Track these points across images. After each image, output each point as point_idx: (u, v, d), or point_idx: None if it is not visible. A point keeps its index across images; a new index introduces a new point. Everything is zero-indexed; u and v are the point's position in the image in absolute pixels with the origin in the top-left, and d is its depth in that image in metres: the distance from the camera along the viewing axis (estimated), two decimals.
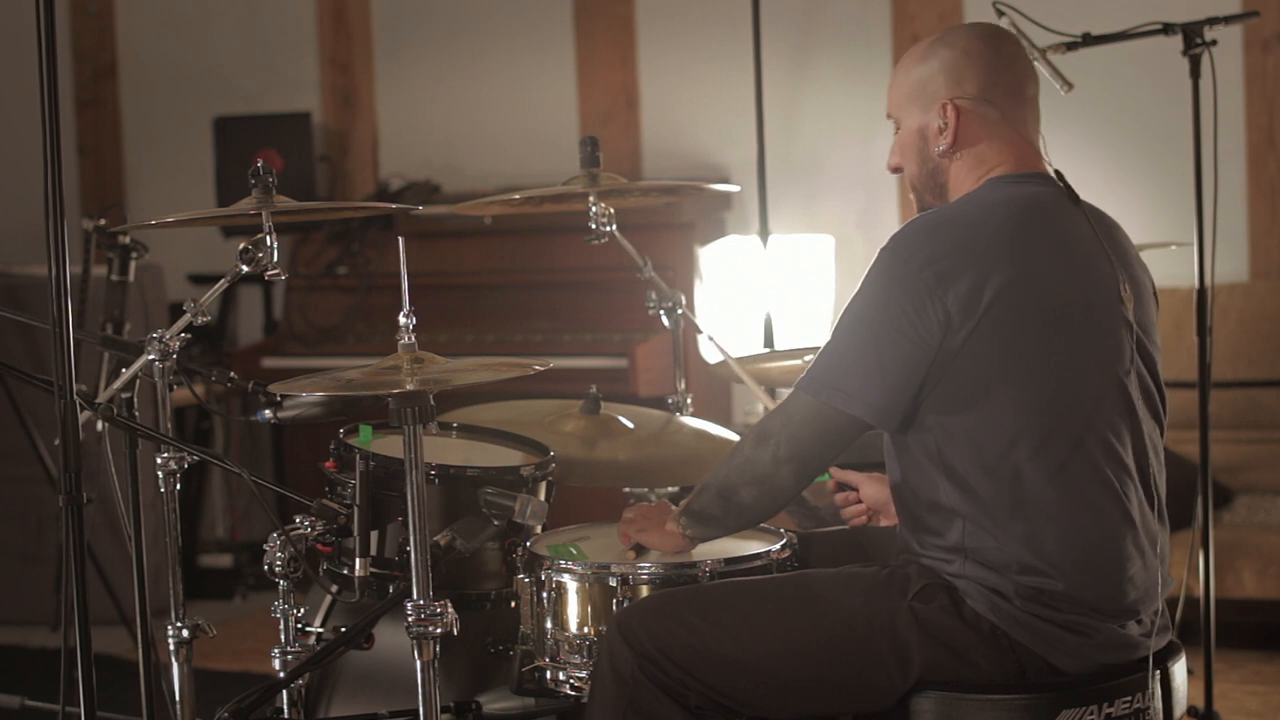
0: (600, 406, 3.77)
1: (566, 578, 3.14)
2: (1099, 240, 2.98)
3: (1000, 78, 3.03)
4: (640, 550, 3.18)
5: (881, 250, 2.92)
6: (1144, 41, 4.14)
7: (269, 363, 6.51)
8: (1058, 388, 2.86)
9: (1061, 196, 2.99)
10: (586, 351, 6.05)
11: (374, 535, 3.24)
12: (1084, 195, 3.03)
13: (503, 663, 3.39)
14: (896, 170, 3.14)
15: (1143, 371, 2.99)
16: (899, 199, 6.17)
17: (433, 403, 2.86)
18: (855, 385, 2.87)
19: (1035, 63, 4.11)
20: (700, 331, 4.10)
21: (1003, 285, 2.83)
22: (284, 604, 3.23)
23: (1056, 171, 3.04)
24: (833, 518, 3.55)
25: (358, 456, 3.22)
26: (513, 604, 3.25)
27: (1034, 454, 2.84)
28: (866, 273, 2.92)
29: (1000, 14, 4.08)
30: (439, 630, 2.88)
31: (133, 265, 4.94)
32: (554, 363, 3.19)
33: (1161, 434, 3.03)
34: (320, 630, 3.34)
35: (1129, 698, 2.89)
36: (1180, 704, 3.02)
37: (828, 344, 2.94)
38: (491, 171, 6.83)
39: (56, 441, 2.76)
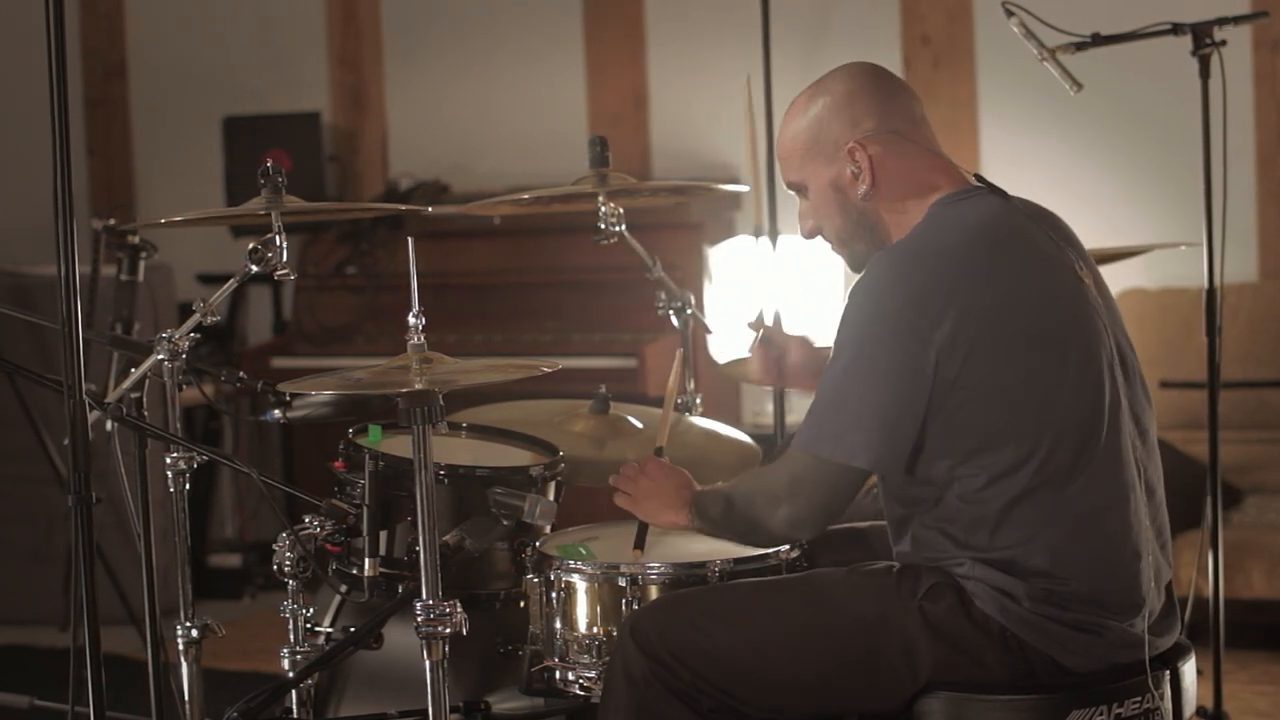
0: (609, 406, 3.77)
1: (575, 578, 3.14)
2: (1046, 234, 2.98)
3: (891, 106, 2.99)
4: (643, 534, 3.18)
5: (854, 294, 2.89)
6: (1153, 42, 4.13)
7: (278, 363, 6.51)
8: (1056, 399, 2.86)
9: (1002, 203, 2.97)
10: (595, 351, 6.05)
11: (383, 535, 3.24)
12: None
13: (512, 663, 3.39)
14: (813, 235, 3.08)
15: (1124, 348, 2.99)
16: None
17: (441, 403, 2.86)
18: (856, 437, 2.86)
19: (1044, 63, 4.13)
20: (709, 331, 4.10)
21: (986, 315, 2.82)
22: (293, 604, 3.24)
23: (977, 175, 3.03)
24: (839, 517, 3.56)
25: (367, 456, 3.22)
26: (522, 604, 3.26)
27: (1041, 467, 2.84)
28: (843, 317, 2.89)
29: (1009, 14, 4.07)
30: (448, 630, 2.88)
31: (142, 265, 4.95)
32: (563, 363, 3.20)
33: (1149, 403, 3.03)
34: (329, 630, 3.35)
35: (1138, 698, 2.89)
36: (1189, 704, 3.02)
37: (820, 398, 2.92)
38: (501, 171, 6.83)
39: (66, 441, 2.76)
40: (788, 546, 3.15)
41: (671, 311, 3.93)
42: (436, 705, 2.89)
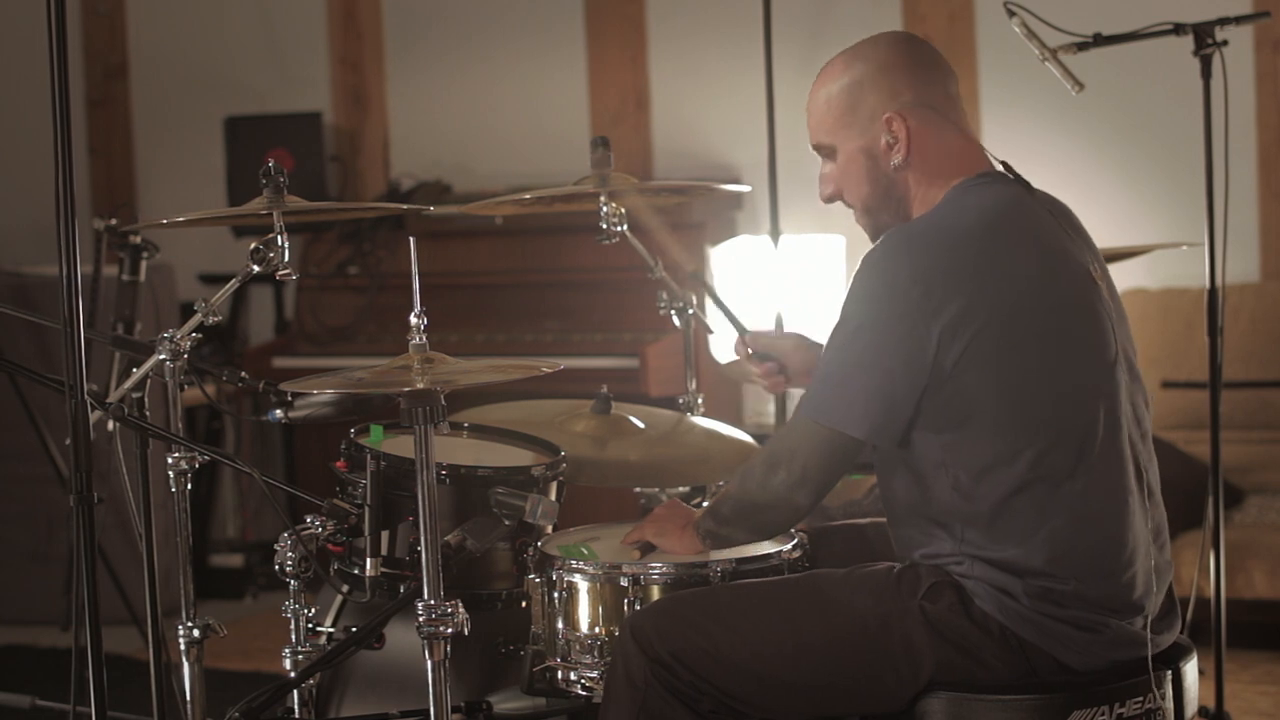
0: (611, 406, 3.77)
1: (577, 578, 3.14)
2: (1063, 229, 2.98)
3: (929, 80, 3.01)
4: (646, 550, 3.18)
5: (863, 266, 2.89)
6: (1155, 42, 4.14)
7: (280, 362, 6.52)
8: (1057, 395, 2.86)
9: (1022, 193, 2.98)
10: (597, 351, 6.06)
11: (385, 535, 3.24)
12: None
13: (514, 663, 3.39)
14: (833, 199, 3.10)
15: (1129, 352, 2.99)
16: None
17: (443, 402, 2.86)
18: (854, 407, 2.87)
19: (1046, 63, 4.13)
20: (711, 331, 4.10)
21: (993, 305, 2.82)
22: (295, 604, 3.23)
23: (1004, 163, 3.03)
24: (841, 516, 3.55)
25: (369, 456, 3.22)
26: (524, 604, 3.25)
27: (1037, 462, 2.83)
28: (850, 289, 2.90)
29: (1011, 14, 4.07)
30: (450, 630, 2.88)
31: (143, 265, 4.95)
32: (565, 363, 3.19)
33: (1148, 407, 3.03)
34: (331, 630, 3.34)
35: (1140, 698, 2.89)
36: (1191, 704, 3.02)
37: (822, 366, 2.93)
38: (502, 171, 6.83)
39: (67, 441, 2.76)
40: (789, 546, 3.15)
41: (673, 311, 3.92)
42: (438, 705, 2.89)
